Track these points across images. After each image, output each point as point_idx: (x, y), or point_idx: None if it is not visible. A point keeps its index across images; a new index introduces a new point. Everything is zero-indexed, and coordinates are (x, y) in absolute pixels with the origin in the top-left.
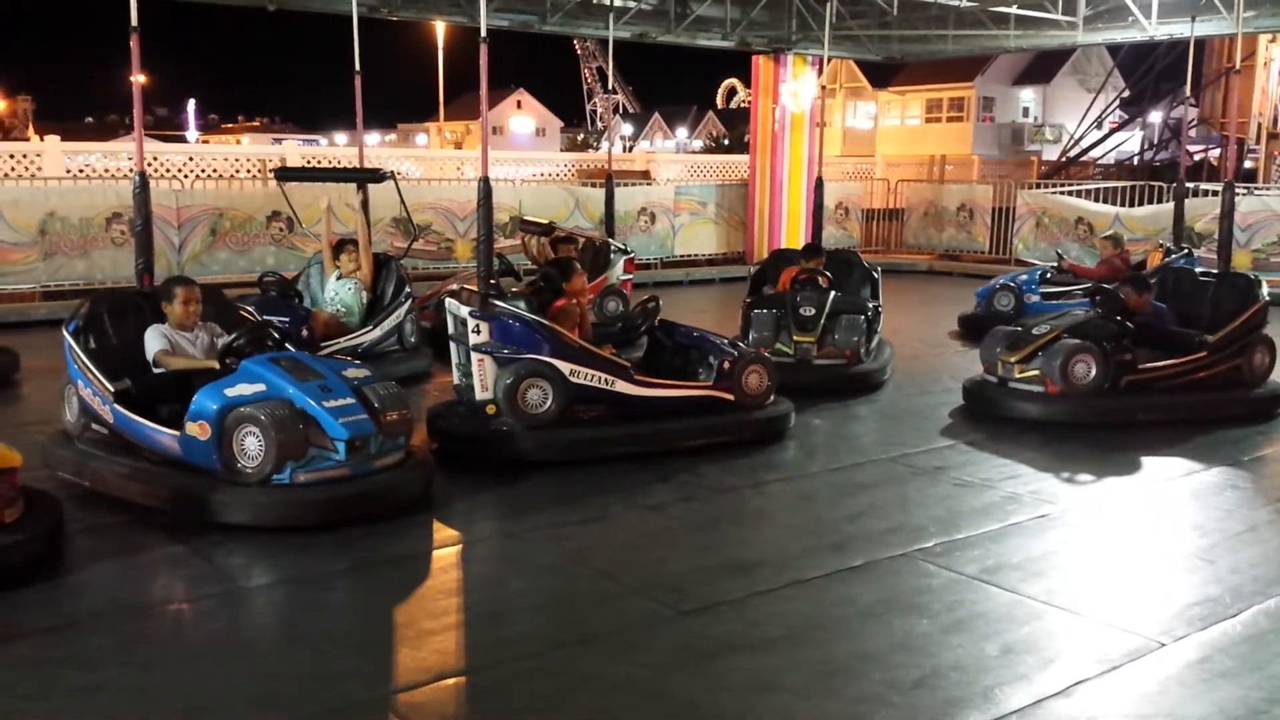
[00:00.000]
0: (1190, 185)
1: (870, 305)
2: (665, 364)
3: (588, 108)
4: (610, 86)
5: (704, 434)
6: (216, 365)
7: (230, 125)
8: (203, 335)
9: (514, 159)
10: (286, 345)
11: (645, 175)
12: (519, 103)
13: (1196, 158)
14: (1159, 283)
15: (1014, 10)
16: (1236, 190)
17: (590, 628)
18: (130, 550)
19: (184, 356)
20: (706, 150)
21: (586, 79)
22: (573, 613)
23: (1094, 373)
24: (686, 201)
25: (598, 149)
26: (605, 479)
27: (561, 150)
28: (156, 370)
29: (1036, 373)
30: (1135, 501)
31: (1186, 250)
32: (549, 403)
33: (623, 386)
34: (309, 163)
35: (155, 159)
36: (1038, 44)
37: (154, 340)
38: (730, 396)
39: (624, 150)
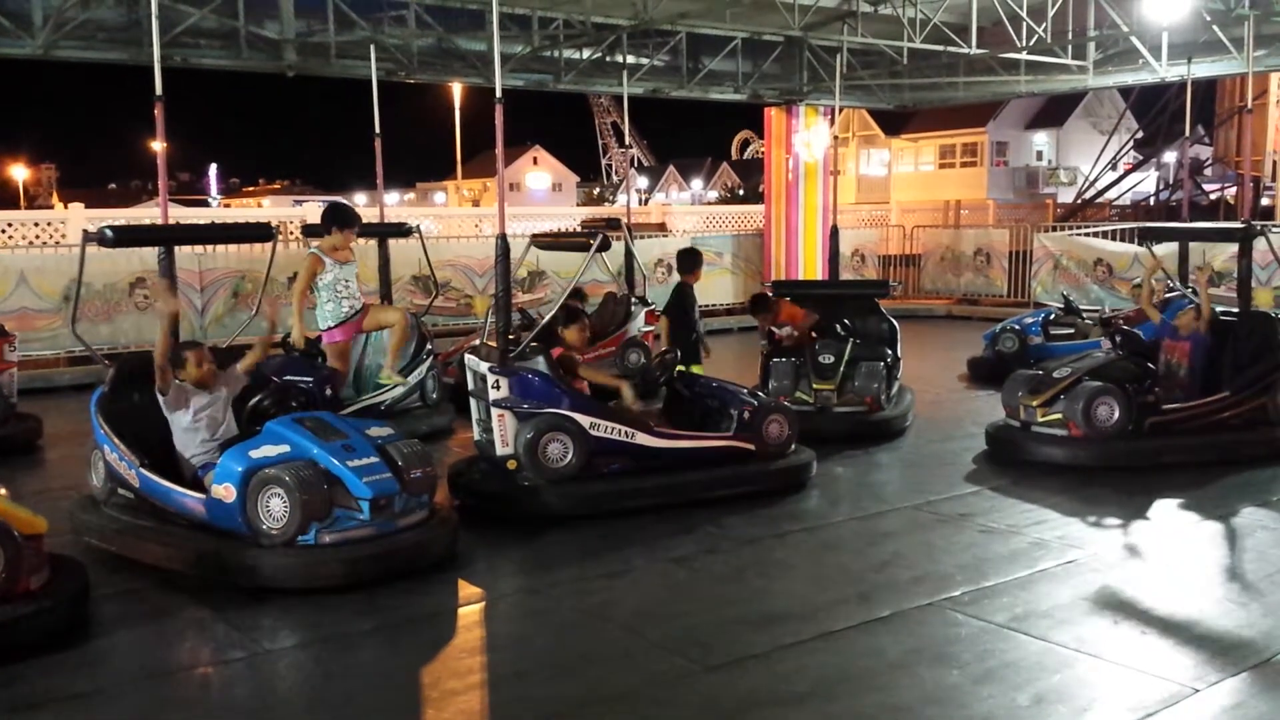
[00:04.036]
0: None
1: (889, 353)
2: (685, 415)
3: (603, 162)
4: (626, 141)
5: (726, 485)
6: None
7: (251, 189)
8: (222, 388)
9: (531, 215)
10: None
11: (661, 227)
12: (535, 159)
13: (1213, 196)
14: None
15: (1024, 56)
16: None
17: (615, 685)
18: (156, 615)
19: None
20: (721, 201)
21: (601, 134)
22: (597, 670)
23: (1117, 415)
24: (703, 252)
25: (613, 202)
26: (627, 532)
27: (578, 205)
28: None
29: (1059, 416)
30: (1164, 545)
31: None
32: (570, 456)
33: (643, 439)
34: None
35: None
36: (1048, 89)
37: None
38: (751, 446)
39: (640, 203)
